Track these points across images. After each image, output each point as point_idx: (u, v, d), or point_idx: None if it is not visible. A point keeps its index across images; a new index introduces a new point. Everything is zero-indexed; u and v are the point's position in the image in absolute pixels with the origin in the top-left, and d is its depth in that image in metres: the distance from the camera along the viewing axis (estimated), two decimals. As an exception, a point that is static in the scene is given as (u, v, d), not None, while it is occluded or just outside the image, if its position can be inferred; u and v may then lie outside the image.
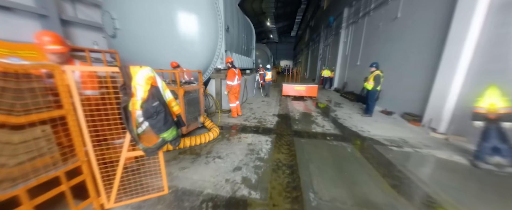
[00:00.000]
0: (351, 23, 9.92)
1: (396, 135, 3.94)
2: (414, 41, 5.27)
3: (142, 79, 1.53)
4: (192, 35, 4.95)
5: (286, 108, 6.33)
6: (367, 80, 5.31)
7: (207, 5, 5.04)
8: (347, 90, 9.67)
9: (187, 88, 3.34)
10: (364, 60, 8.39)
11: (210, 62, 5.72)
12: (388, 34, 6.57)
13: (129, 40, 5.00)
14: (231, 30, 6.61)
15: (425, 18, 4.90)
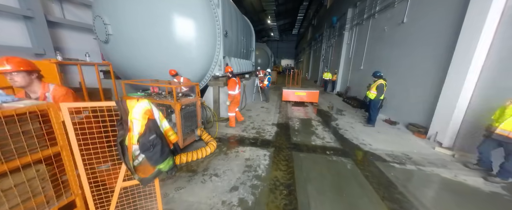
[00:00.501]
0: (355, 24, 9.68)
1: (399, 150, 3.80)
2: (420, 49, 5.08)
3: (139, 113, 1.43)
4: (189, 40, 4.81)
5: (286, 116, 6.20)
6: (369, 89, 5.15)
7: (204, 9, 4.88)
8: (350, 95, 9.48)
9: (184, 103, 3.23)
10: (368, 64, 8.18)
11: (208, 69, 5.60)
12: (393, 39, 6.36)
13: (122, 45, 4.87)
14: (230, 34, 6.45)
15: (433, 25, 4.70)
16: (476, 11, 3.41)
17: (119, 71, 5.67)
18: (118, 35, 4.81)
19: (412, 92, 5.30)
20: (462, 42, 3.66)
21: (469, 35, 3.51)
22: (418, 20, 5.22)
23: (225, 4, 5.72)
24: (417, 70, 5.16)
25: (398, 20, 6.01)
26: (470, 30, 3.51)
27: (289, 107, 7.92)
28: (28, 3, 5.36)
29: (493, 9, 3.15)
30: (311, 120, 5.83)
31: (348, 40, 10.64)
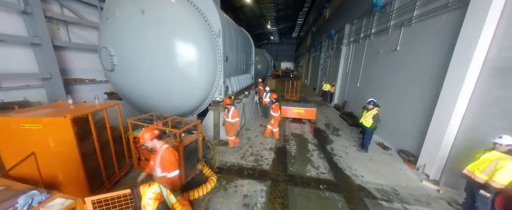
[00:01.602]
0: (353, 41, 9.90)
1: (389, 183, 4.03)
2: (412, 78, 5.30)
3: (150, 199, 1.64)
4: (190, 67, 5.02)
5: (284, 138, 6.42)
6: (363, 114, 5.37)
7: (206, 39, 5.12)
8: (347, 110, 9.72)
9: (187, 142, 3.45)
10: (364, 83, 8.41)
11: (208, 93, 5.82)
12: (388, 63, 6.59)
13: (127, 73, 5.12)
14: (230, 57, 6.67)
15: (424, 59, 4.92)
16: (460, 60, 3.64)
17: (124, 96, 5.89)
18: (123, 64, 5.04)
19: (404, 118, 5.53)
20: (447, 86, 3.88)
21: (453, 81, 3.72)
22: (410, 51, 5.45)
23: (225, 30, 5.93)
24: (409, 97, 5.39)
25: (392, 47, 6.24)
26: (454, 77, 3.73)
27: (288, 123, 8.16)
28: (35, 30, 5.59)
29: (475, 60, 3.38)
30: (307, 143, 6.06)
31: (346, 55, 10.87)
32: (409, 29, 5.54)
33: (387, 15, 6.69)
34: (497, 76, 3.18)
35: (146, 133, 2.46)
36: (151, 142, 2.48)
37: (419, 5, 5.11)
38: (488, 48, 3.29)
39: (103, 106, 3.41)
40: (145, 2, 4.71)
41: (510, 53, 3.00)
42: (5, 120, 2.51)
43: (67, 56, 6.85)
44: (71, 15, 6.69)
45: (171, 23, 4.74)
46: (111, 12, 4.92)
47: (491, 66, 3.25)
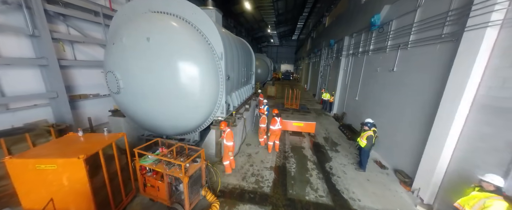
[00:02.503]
0: (351, 54, 10.07)
1: (385, 207, 4.20)
2: (408, 100, 5.47)
3: None
4: (193, 87, 5.17)
5: (284, 154, 6.58)
6: (361, 134, 5.54)
7: (208, 62, 5.28)
8: (346, 122, 9.89)
9: (191, 172, 3.61)
10: (363, 97, 8.58)
11: (211, 112, 5.98)
12: (385, 82, 6.76)
13: (132, 95, 5.30)
14: (232, 75, 6.82)
15: (419, 84, 5.08)
16: (452, 93, 3.81)
17: (128, 115, 6.05)
18: (128, 87, 5.21)
19: (400, 138, 5.70)
20: (440, 116, 4.05)
21: (446, 112, 3.89)
22: (407, 74, 5.61)
23: (227, 51, 6.08)
24: (405, 118, 5.56)
25: (389, 67, 6.41)
26: (447, 109, 3.89)
27: (288, 136, 8.33)
28: (43, 52, 5.74)
29: (466, 95, 3.54)
30: (307, 160, 6.23)
31: (345, 67, 11.04)
32: (405, 52, 5.71)
33: (384, 34, 6.86)
34: (486, 113, 3.35)
35: None
36: None
37: (415, 31, 5.29)
38: (478, 86, 3.46)
39: (111, 138, 3.57)
40: (150, 30, 4.89)
41: (498, 93, 3.17)
42: (24, 162, 2.68)
43: (72, 73, 7.00)
44: (76, 34, 6.84)
45: (175, 48, 4.90)
46: (117, 38, 5.09)
47: (481, 103, 3.42)
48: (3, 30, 4.93)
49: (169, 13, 5.31)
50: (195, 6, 5.29)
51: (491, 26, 3.17)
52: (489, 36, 3.24)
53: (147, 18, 5.13)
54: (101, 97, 8.05)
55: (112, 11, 7.80)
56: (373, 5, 7.69)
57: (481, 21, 3.32)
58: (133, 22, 5.16)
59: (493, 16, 3.15)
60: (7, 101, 5.21)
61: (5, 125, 5.26)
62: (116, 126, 7.04)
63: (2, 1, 4.83)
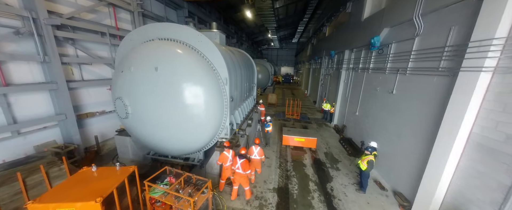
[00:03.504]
0: (352, 68, 10.24)
1: (384, 234, 4.38)
2: (407, 125, 5.64)
3: None
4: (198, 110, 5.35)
5: (286, 174, 6.76)
6: (361, 157, 5.72)
7: (213, 88, 5.47)
8: (346, 136, 10.07)
9: (199, 205, 3.78)
10: (363, 113, 8.74)
11: (215, 134, 6.15)
12: (384, 103, 6.92)
13: (139, 120, 5.48)
14: (235, 94, 7.00)
15: (417, 111, 5.24)
16: (448, 128, 3.97)
17: (135, 137, 6.22)
18: (136, 112, 5.39)
19: (399, 160, 5.87)
20: (437, 149, 4.21)
21: (442, 146, 4.06)
22: (405, 99, 5.76)
23: (231, 73, 6.24)
24: (404, 142, 5.72)
25: (389, 89, 6.58)
26: (443, 142, 4.06)
27: (289, 152, 8.50)
28: (52, 76, 5.93)
29: (461, 132, 3.72)
30: (308, 180, 6.41)
31: (345, 79, 11.22)
32: (404, 77, 5.89)
33: (384, 56, 7.04)
34: (480, 151, 3.53)
35: None
36: None
37: (413, 59, 5.47)
38: (472, 124, 3.64)
39: (124, 173, 3.73)
40: (158, 59, 5.07)
41: (491, 135, 3.35)
42: (45, 207, 2.85)
43: (79, 93, 7.17)
44: (84, 55, 7.01)
45: (182, 75, 5.10)
46: (126, 66, 5.27)
47: (476, 141, 3.60)
48: (15, 58, 5.10)
49: (176, 40, 5.50)
50: (201, 34, 5.47)
51: (485, 71, 3.36)
52: (483, 79, 3.42)
53: (155, 47, 5.31)
54: (107, 114, 8.23)
55: (118, 31, 7.99)
56: (372, 25, 7.87)
57: (475, 64, 3.50)
58: (141, 51, 5.35)
59: (487, 62, 3.33)
60: (19, 128, 5.38)
61: (17, 150, 5.45)
62: (122, 145, 7.22)
63: (14, 32, 5.01)
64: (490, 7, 3.32)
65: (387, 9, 6.93)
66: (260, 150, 5.96)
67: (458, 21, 4.13)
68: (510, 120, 3.10)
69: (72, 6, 6.53)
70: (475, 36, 3.55)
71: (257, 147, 5.97)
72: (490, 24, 3.31)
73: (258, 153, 5.92)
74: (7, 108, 5.18)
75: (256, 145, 5.99)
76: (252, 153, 5.93)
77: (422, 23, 5.15)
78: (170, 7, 11.69)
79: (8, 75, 5.25)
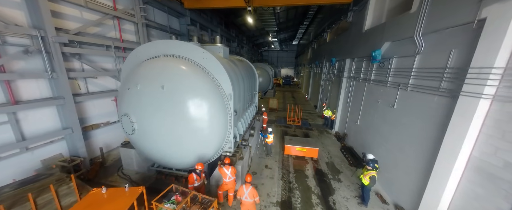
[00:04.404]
0: (353, 77, 10.34)
1: (386, 251, 4.47)
2: (408, 140, 5.73)
3: None
4: (204, 129, 5.50)
5: (289, 186, 6.86)
6: (363, 171, 5.82)
7: (218, 103, 5.63)
8: (347, 144, 10.16)
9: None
10: (364, 123, 8.85)
11: (219, 147, 6.26)
12: (385, 116, 7.01)
13: (145, 136, 5.61)
14: (238, 106, 7.10)
15: (418, 127, 5.34)
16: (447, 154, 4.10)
17: (140, 151, 6.33)
18: (142, 129, 5.50)
19: (400, 173, 5.97)
20: (437, 170, 4.32)
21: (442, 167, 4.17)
22: (406, 114, 5.86)
23: (235, 87, 6.33)
24: (405, 156, 5.81)
25: (390, 102, 6.68)
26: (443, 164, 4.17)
27: (291, 161, 8.60)
28: (60, 91, 6.02)
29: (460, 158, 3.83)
30: (311, 192, 6.51)
31: (346, 88, 11.32)
32: (405, 92, 5.99)
33: (385, 69, 7.14)
34: (480, 175, 3.63)
35: None
36: None
37: (414, 76, 5.57)
38: (472, 147, 3.75)
39: (132, 194, 3.83)
40: (164, 76, 5.19)
41: (490, 160, 3.45)
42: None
43: (85, 105, 7.26)
44: (90, 69, 7.10)
45: (188, 92, 5.24)
46: (132, 83, 5.38)
47: (475, 165, 3.70)
48: (24, 77, 5.20)
49: (181, 57, 5.61)
50: (206, 52, 5.57)
51: (484, 98, 3.46)
52: (482, 105, 3.52)
53: (161, 64, 5.41)
54: (111, 125, 8.32)
55: (122, 43, 8.09)
56: (374, 38, 7.97)
57: (475, 90, 3.61)
58: (147, 68, 5.46)
59: (486, 89, 3.44)
60: (28, 144, 5.48)
61: (25, 165, 5.56)
62: (127, 157, 7.33)
63: (24, 51, 5.11)
64: (489, 37, 3.43)
65: (388, 24, 7.03)
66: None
67: (458, 44, 4.23)
68: (509, 147, 3.21)
69: (78, 21, 6.63)
70: (475, 62, 3.66)
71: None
72: (489, 53, 3.41)
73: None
74: (16, 124, 5.27)
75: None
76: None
77: (423, 42, 5.26)
78: (172, 15, 11.80)
79: (17, 92, 5.35)
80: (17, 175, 5.37)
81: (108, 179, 6.74)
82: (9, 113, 5.07)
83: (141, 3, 8.63)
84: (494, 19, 3.36)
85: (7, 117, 5.08)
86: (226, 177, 5.57)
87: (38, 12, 5.22)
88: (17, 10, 5.17)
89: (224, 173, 5.57)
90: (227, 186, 5.68)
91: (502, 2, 3.25)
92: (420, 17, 5.25)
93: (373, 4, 8.46)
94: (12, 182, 4.47)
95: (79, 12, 6.65)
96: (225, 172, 5.56)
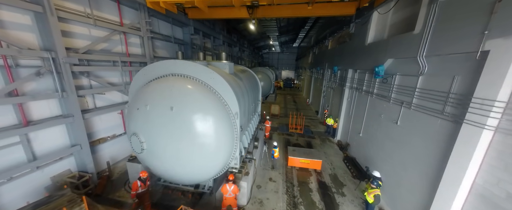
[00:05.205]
0: (355, 88, 10.45)
1: None
2: (411, 159, 5.81)
3: None
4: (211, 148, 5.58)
5: (293, 199, 6.97)
6: (368, 189, 5.93)
7: (225, 122, 5.70)
8: (350, 155, 10.26)
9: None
10: (366, 136, 8.94)
11: (226, 163, 6.34)
12: (389, 132, 7.10)
13: (154, 154, 5.70)
14: (243, 121, 7.19)
15: (422, 148, 5.43)
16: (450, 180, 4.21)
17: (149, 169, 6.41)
18: (150, 148, 5.60)
19: (403, 191, 6.05)
20: (440, 196, 4.42)
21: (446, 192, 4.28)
22: (410, 133, 5.94)
23: (241, 104, 6.44)
24: (408, 175, 5.89)
25: (393, 118, 6.78)
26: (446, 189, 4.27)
27: (295, 173, 8.70)
28: (69, 110, 6.13)
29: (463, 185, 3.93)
30: (315, 208, 6.61)
31: (349, 98, 11.42)
32: (409, 111, 6.08)
33: (388, 85, 7.25)
34: (483, 203, 3.74)
35: None
36: None
37: (418, 96, 5.67)
38: (475, 175, 3.85)
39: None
40: (173, 99, 5.28)
41: (493, 189, 3.56)
42: None
43: (92, 121, 7.36)
44: (98, 85, 7.20)
45: (196, 113, 5.32)
46: (141, 103, 5.48)
47: (478, 192, 3.81)
48: (36, 98, 5.30)
49: (188, 76, 5.71)
50: (213, 71, 5.67)
51: (487, 129, 3.57)
52: (485, 135, 3.63)
53: (170, 85, 5.49)
54: (117, 137, 8.42)
55: (128, 57, 8.20)
56: (377, 53, 8.05)
57: (478, 120, 3.71)
58: (156, 88, 5.55)
59: (489, 121, 3.55)
60: (39, 164, 5.57)
61: (36, 183, 5.68)
62: (134, 171, 7.42)
63: (36, 73, 5.22)
64: (492, 71, 3.54)
65: (391, 41, 7.12)
66: (235, 187, 5.79)
67: (461, 71, 4.34)
68: (511, 179, 3.32)
69: (87, 39, 6.74)
70: (478, 93, 3.77)
71: (232, 184, 5.81)
72: (491, 86, 3.53)
73: (233, 191, 5.78)
74: (27, 144, 5.37)
75: (231, 182, 5.84)
76: (227, 191, 5.78)
77: (426, 64, 5.36)
78: (176, 25, 11.91)
79: (28, 112, 5.45)
80: (28, 193, 5.48)
81: (116, 194, 6.85)
82: (21, 134, 5.17)
83: (147, 16, 8.73)
84: (498, 53, 3.47)
85: (19, 137, 5.18)
86: (226, 193, 5.81)
87: (49, 33, 5.32)
88: (29, 33, 5.28)
89: (226, 189, 5.81)
90: (227, 201, 5.91)
91: (506, 38, 3.36)
92: (423, 39, 5.36)
93: (375, 19, 8.58)
94: (26, 204, 4.56)
95: (88, 30, 6.76)
96: (226, 189, 5.80)
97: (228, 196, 5.82)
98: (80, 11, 6.38)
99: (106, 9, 7.40)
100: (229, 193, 5.78)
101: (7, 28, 4.92)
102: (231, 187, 5.78)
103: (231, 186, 5.78)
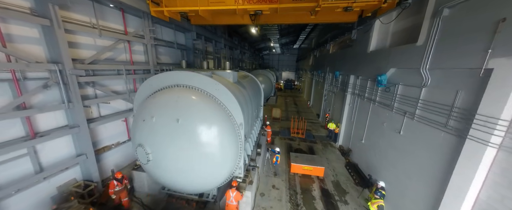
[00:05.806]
0: (358, 94, 10.49)
1: None
2: (415, 169, 5.86)
3: None
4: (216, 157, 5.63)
5: (296, 208, 7.02)
6: (371, 199, 5.99)
7: (230, 132, 5.76)
8: (352, 161, 10.31)
9: None
10: (369, 143, 8.98)
11: (231, 172, 6.40)
12: (392, 141, 7.14)
13: (159, 165, 5.73)
14: (247, 129, 7.24)
15: (425, 159, 5.48)
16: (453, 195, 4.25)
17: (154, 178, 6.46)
18: (156, 158, 5.64)
19: (407, 203, 6.08)
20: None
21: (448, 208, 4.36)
22: (413, 143, 5.99)
23: (245, 114, 6.50)
24: (412, 186, 5.93)
25: (396, 128, 6.83)
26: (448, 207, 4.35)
27: (297, 180, 8.75)
28: (75, 119, 6.18)
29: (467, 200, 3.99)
30: (319, 216, 6.68)
31: (350, 103, 11.46)
32: (412, 122, 6.13)
33: (391, 94, 7.30)
34: (487, 217, 3.80)
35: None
36: None
37: (421, 108, 5.72)
38: (479, 189, 3.91)
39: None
40: (179, 111, 5.33)
41: (496, 205, 3.62)
42: None
43: (97, 129, 7.39)
44: (101, 93, 7.26)
45: (202, 125, 5.36)
46: (147, 115, 5.52)
47: (482, 208, 3.86)
48: (43, 110, 5.35)
49: (193, 87, 5.77)
50: (218, 83, 5.73)
51: (491, 146, 3.62)
52: (489, 152, 3.69)
53: (175, 96, 5.53)
54: (121, 145, 8.47)
55: (132, 65, 8.25)
56: (380, 61, 8.09)
57: (482, 137, 3.77)
58: (162, 100, 5.60)
59: (493, 138, 3.60)
60: (45, 175, 5.62)
61: (42, 194, 5.72)
62: (138, 180, 7.49)
63: (43, 85, 5.27)
64: (495, 89, 3.60)
65: (394, 51, 7.17)
66: (237, 194, 5.82)
67: (465, 86, 4.39)
68: (515, 197, 3.37)
69: (93, 49, 6.78)
70: (482, 110, 3.83)
71: (235, 191, 5.80)
72: (495, 103, 3.58)
73: (235, 198, 5.82)
74: (34, 155, 5.42)
75: (234, 188, 5.85)
76: (229, 197, 5.85)
77: (429, 76, 5.42)
78: (179, 31, 11.97)
79: (35, 124, 5.49)
80: (35, 205, 5.54)
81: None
82: (29, 146, 5.22)
83: (151, 24, 8.79)
84: (502, 72, 3.53)
85: (27, 149, 5.23)
86: (229, 199, 5.91)
87: (56, 45, 5.37)
88: (37, 46, 5.33)
89: (228, 195, 5.91)
90: (229, 208, 5.97)
91: (510, 58, 3.42)
92: (426, 52, 5.42)
93: (377, 27, 8.63)
94: (35, 217, 4.62)
95: (93, 40, 6.81)
96: (229, 195, 5.90)
97: (230, 203, 5.88)
98: (86, 22, 6.44)
99: (111, 18, 7.46)
100: (231, 199, 5.85)
101: (16, 42, 4.97)
102: (233, 193, 5.85)
103: (234, 193, 5.85)
